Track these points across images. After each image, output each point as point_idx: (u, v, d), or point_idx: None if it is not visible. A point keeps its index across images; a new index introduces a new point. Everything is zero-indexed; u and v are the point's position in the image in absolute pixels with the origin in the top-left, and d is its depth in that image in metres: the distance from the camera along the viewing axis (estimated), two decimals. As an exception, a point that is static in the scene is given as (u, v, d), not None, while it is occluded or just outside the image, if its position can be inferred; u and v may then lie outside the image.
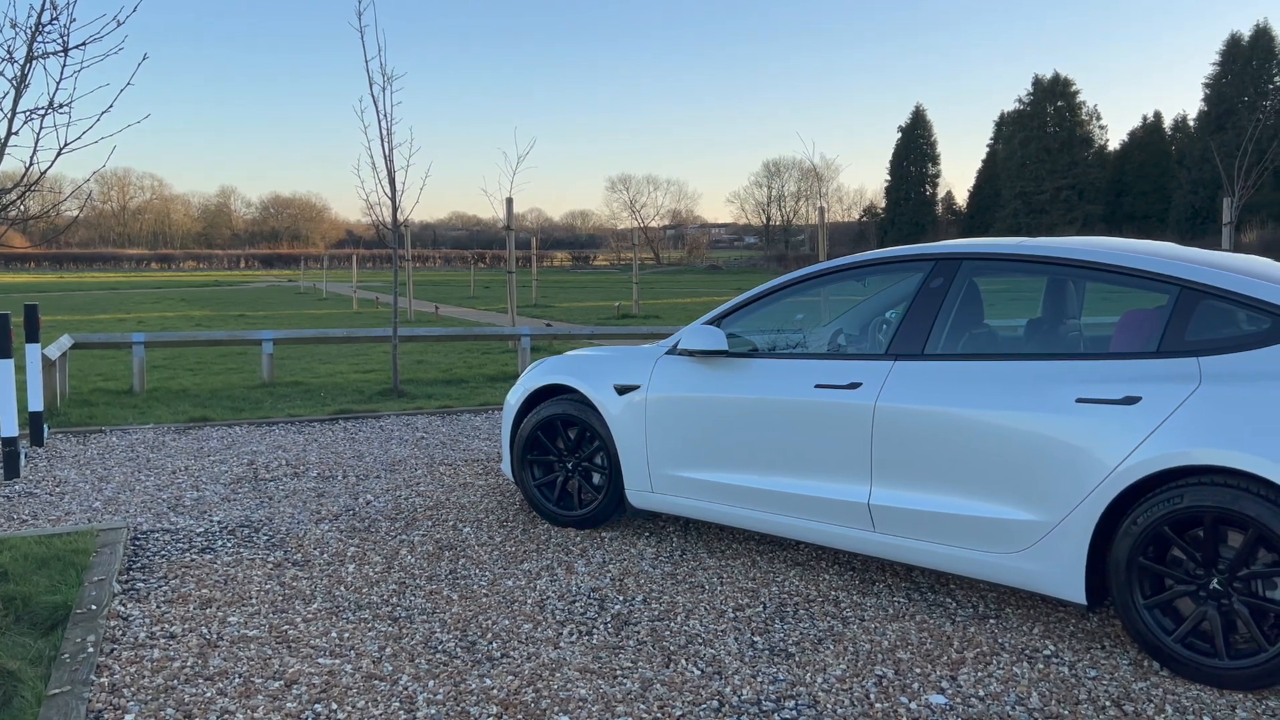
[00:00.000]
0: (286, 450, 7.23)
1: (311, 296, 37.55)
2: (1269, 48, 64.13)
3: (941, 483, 3.90)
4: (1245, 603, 3.25)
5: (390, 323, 10.32)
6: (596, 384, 5.03)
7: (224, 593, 4.23)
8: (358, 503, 5.72)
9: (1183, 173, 65.54)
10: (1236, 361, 3.37)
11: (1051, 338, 4.46)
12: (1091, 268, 3.94)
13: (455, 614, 4.00)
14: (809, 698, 3.27)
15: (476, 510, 5.57)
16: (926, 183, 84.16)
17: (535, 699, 3.25)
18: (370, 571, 4.52)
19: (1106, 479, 3.46)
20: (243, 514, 5.48)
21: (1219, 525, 3.29)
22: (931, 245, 4.49)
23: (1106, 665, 3.51)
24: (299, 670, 3.46)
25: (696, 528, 5.21)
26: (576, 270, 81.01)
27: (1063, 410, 3.61)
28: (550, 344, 14.45)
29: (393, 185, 10.14)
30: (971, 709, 3.19)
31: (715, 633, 3.82)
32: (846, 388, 4.15)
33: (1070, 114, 74.05)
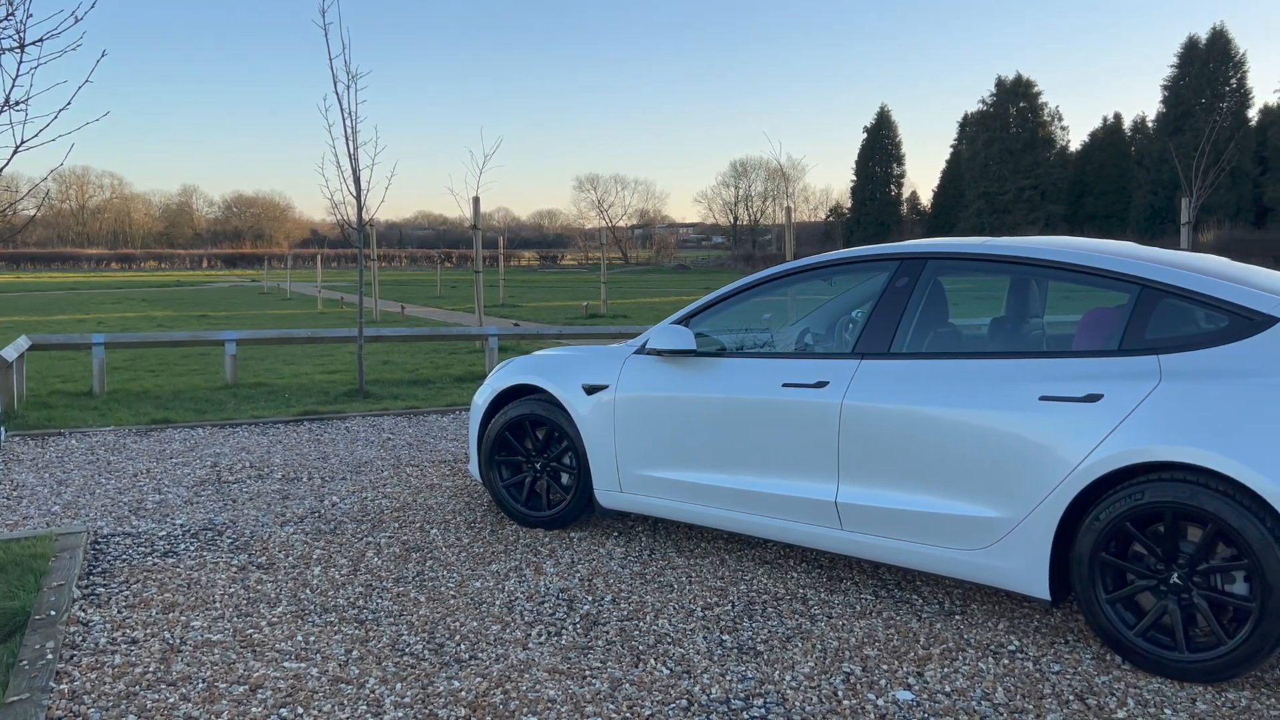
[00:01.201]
0: (250, 452, 7.15)
1: (275, 296, 37.17)
2: (1226, 51, 65.28)
3: (907, 480, 3.93)
4: (1204, 597, 3.31)
5: (355, 323, 10.24)
6: (565, 384, 5.02)
7: (187, 597, 4.18)
8: (323, 505, 5.67)
9: (1142, 173, 66.55)
10: (1195, 359, 3.42)
11: (1015, 336, 4.51)
12: (1054, 267, 3.98)
13: (423, 616, 3.98)
14: (777, 695, 3.28)
15: (444, 511, 5.54)
16: (892, 183, 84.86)
17: (504, 700, 3.24)
18: (336, 574, 4.48)
19: (1069, 476, 3.51)
20: (206, 517, 5.41)
21: (1179, 521, 3.34)
22: (897, 245, 4.52)
23: (1070, 660, 3.56)
24: (264, 674, 3.42)
25: (665, 527, 5.21)
26: (544, 270, 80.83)
27: (1026, 408, 3.65)
28: (518, 344, 14.40)
29: (357, 184, 10.07)
30: (938, 704, 3.21)
31: (684, 632, 3.82)
32: (813, 386, 4.18)
33: (1032, 115, 74.94)
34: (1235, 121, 57.55)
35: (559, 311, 26.41)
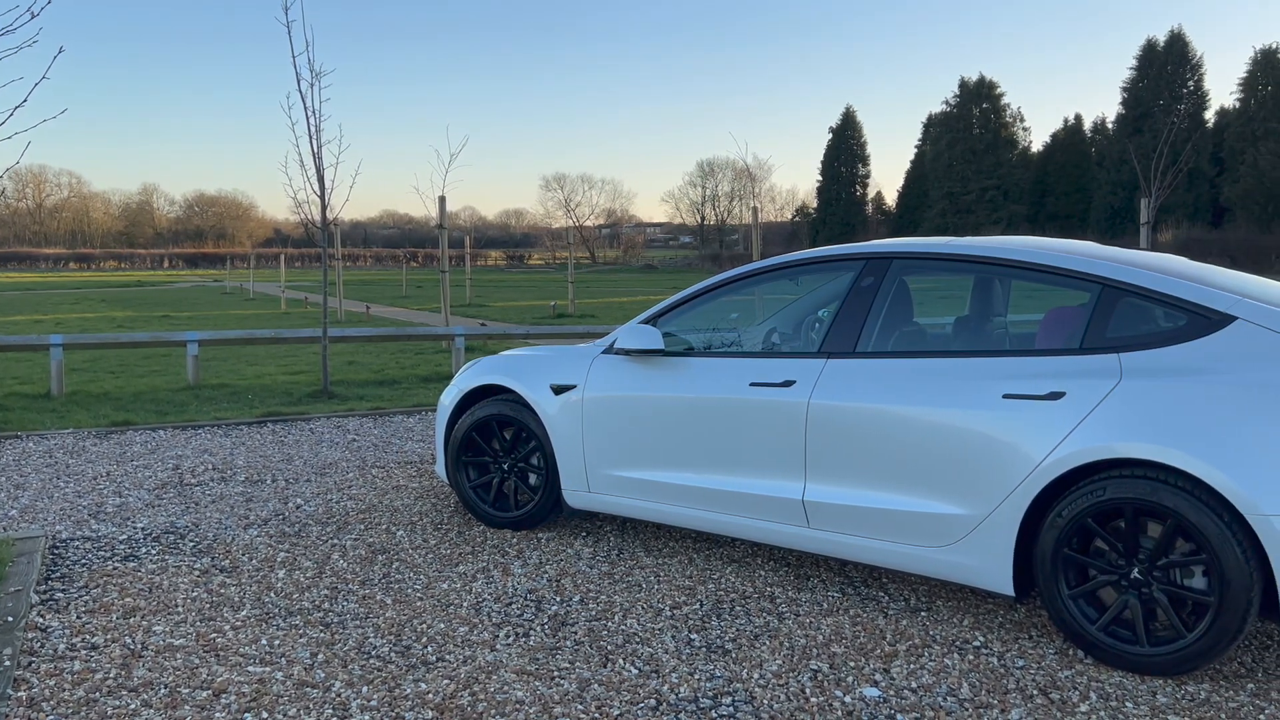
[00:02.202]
0: (213, 454, 7.06)
1: (238, 296, 36.76)
2: (1183, 53, 66.38)
3: (874, 478, 3.96)
4: (1164, 591, 3.36)
5: (320, 323, 10.15)
6: (532, 384, 5.00)
7: (148, 601, 4.12)
8: (287, 507, 5.61)
9: (1102, 174, 67.48)
10: (1155, 357, 3.47)
11: (979, 335, 4.56)
12: (1017, 266, 4.03)
13: (389, 618, 3.95)
14: (745, 693, 3.29)
15: (410, 513, 5.50)
16: (857, 183, 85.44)
17: (471, 703, 3.22)
18: (301, 577, 4.43)
19: (1032, 473, 3.55)
20: (167, 520, 5.34)
21: (1139, 516, 3.39)
22: (862, 245, 4.55)
23: (1034, 655, 3.60)
24: (228, 679, 3.38)
25: (634, 527, 5.21)
26: (511, 269, 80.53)
27: (990, 406, 3.69)
28: (485, 344, 14.33)
29: (321, 183, 9.98)
30: (905, 701, 3.24)
31: (653, 631, 3.82)
32: (780, 386, 4.19)
33: (995, 116, 75.76)
34: (1193, 123, 58.56)
35: (526, 311, 26.33)
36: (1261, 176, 56.90)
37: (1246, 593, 3.17)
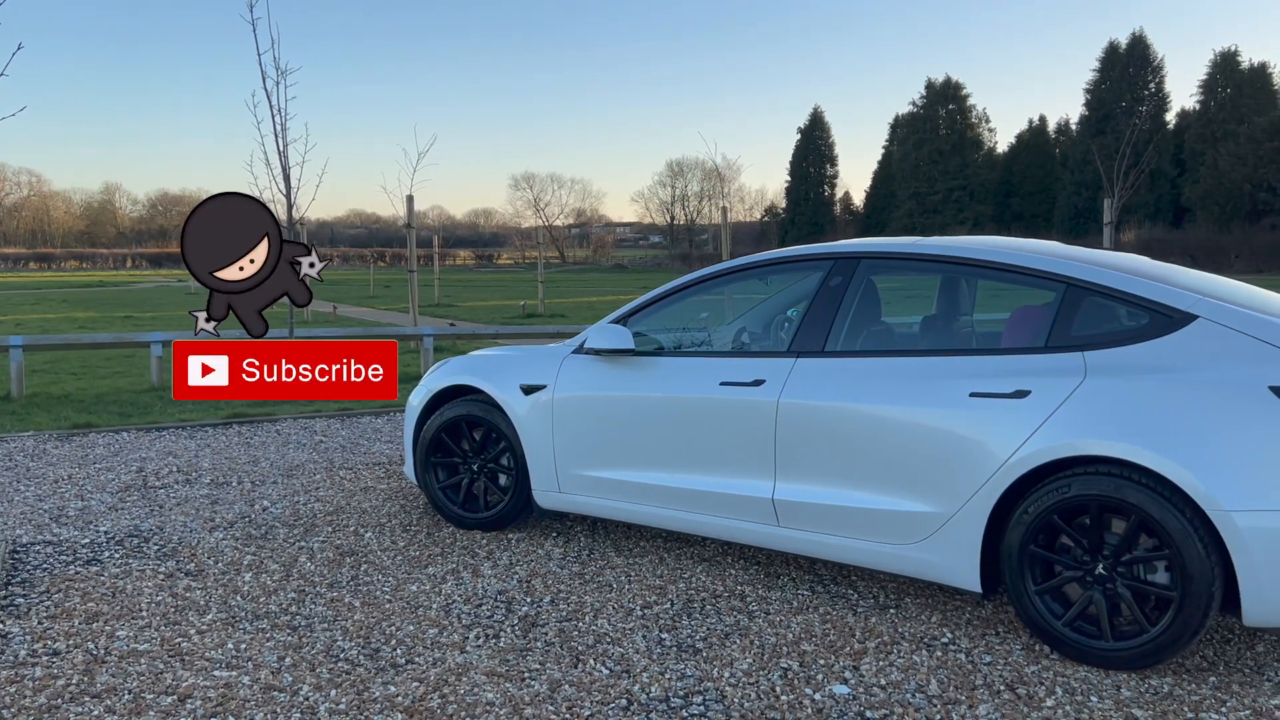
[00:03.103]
0: (178, 456, 6.98)
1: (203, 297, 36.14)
2: (1145, 55, 67.34)
3: (842, 477, 3.98)
4: (1128, 586, 3.40)
5: (286, 323, 10.05)
6: (502, 384, 4.98)
7: (112, 606, 4.06)
8: (254, 509, 5.55)
9: (1066, 174, 68.27)
10: (1118, 356, 3.52)
11: (945, 334, 4.59)
12: (983, 266, 4.07)
13: (358, 621, 3.92)
14: (716, 692, 3.30)
15: (379, 515, 5.46)
16: (825, 183, 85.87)
17: (441, 705, 3.20)
18: (268, 580, 4.39)
19: (999, 470, 3.58)
20: (131, 523, 5.26)
21: (1104, 513, 3.43)
22: (831, 245, 4.58)
23: (1001, 650, 3.63)
24: (193, 684, 3.34)
25: (604, 527, 5.21)
26: (480, 269, 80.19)
27: (957, 404, 3.72)
28: (454, 344, 14.26)
29: (287, 182, 9.88)
30: (874, 698, 3.26)
31: (623, 631, 3.82)
32: (750, 385, 4.20)
33: (961, 117, 76.44)
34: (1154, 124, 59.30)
35: (496, 311, 26.23)
36: (1221, 177, 57.85)
37: (1208, 587, 3.22)
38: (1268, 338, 3.35)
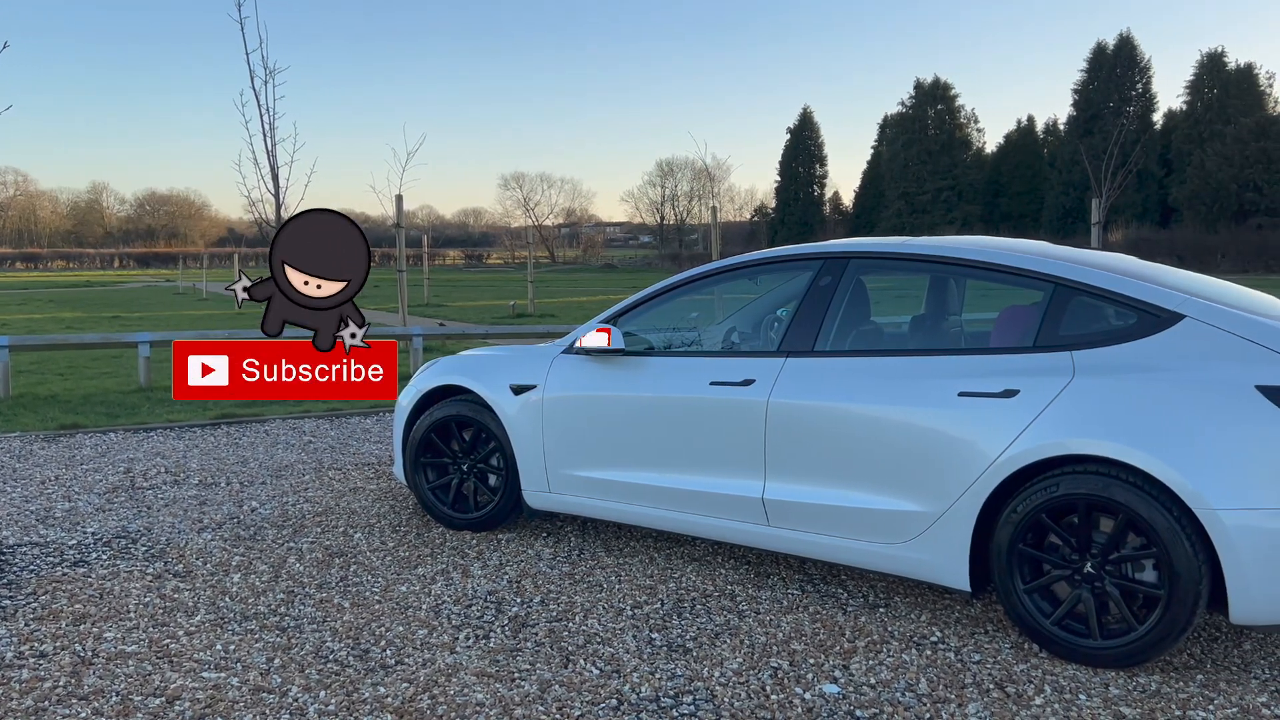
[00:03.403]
0: (166, 457, 6.95)
1: (191, 297, 36.20)
2: (1131, 56, 67.64)
3: (832, 476, 3.99)
4: (1116, 585, 3.42)
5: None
6: (492, 384, 4.97)
7: (99, 608, 4.04)
8: (242, 510, 5.53)
9: (1054, 174, 68.50)
10: (1106, 355, 3.53)
11: (934, 334, 4.61)
12: (972, 266, 4.08)
13: (347, 622, 3.91)
14: (706, 692, 3.30)
15: (368, 515, 5.44)
16: (814, 183, 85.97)
17: (431, 705, 3.20)
18: (257, 581, 4.37)
19: (988, 469, 3.59)
20: (119, 524, 5.24)
21: (1092, 511, 3.44)
22: (820, 244, 4.58)
23: (990, 649, 3.64)
24: (181, 685, 3.32)
25: (594, 527, 5.20)
26: (470, 269, 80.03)
27: (946, 404, 3.73)
28: (444, 344, 14.23)
29: (276, 181, 9.87)
30: (864, 696, 3.26)
31: (614, 631, 3.82)
32: (740, 385, 4.21)
33: (950, 117, 76.64)
34: (1141, 125, 59.67)
35: (485, 311, 26.20)
36: (1208, 178, 58.16)
37: (1195, 585, 3.24)
38: (1254, 337, 3.36)
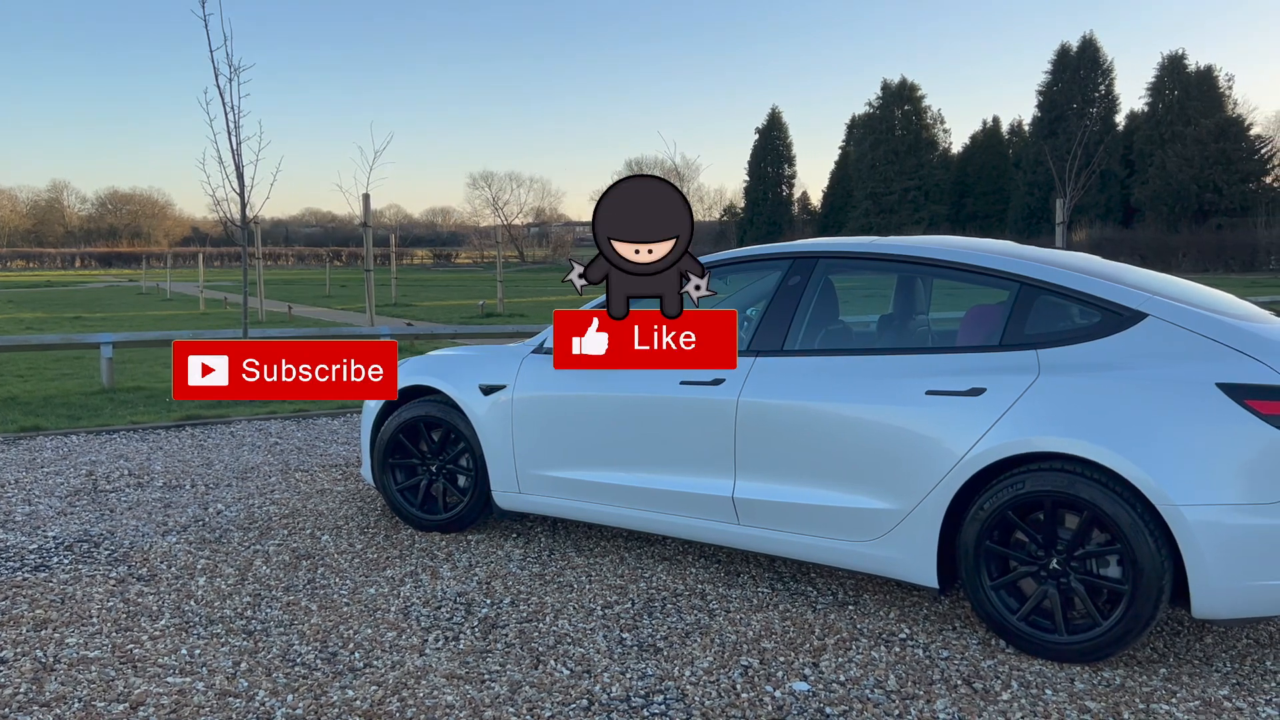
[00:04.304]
0: (129, 459, 6.85)
1: (155, 297, 35.75)
2: (1095, 58, 68.44)
3: (801, 474, 4.00)
4: (1081, 581, 3.46)
5: (240, 324, 9.92)
6: (461, 384, 4.95)
7: (61, 613, 3.97)
8: (207, 513, 5.47)
9: (1020, 175, 69.15)
10: (1071, 354, 3.57)
11: (902, 333, 4.64)
12: (939, 265, 4.11)
13: (315, 625, 3.87)
14: (677, 691, 3.30)
15: (335, 517, 5.40)
16: (783, 183, 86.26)
17: (400, 708, 3.17)
18: (222, 584, 4.32)
19: (955, 467, 3.62)
20: (81, 528, 5.16)
21: (1057, 508, 3.48)
22: (789, 244, 4.60)
23: (958, 645, 3.67)
24: (146, 691, 3.28)
25: (565, 527, 5.19)
26: (438, 268, 79.63)
27: (914, 402, 3.76)
28: (412, 344, 14.14)
29: (241, 180, 9.75)
30: (833, 694, 3.28)
31: (584, 631, 3.81)
32: (710, 384, 4.21)
33: (916, 118, 77.17)
34: (1104, 126, 60.44)
35: (454, 311, 26.08)
36: (1169, 178, 58.99)
37: (1158, 580, 3.28)
38: (1215, 335, 3.42)
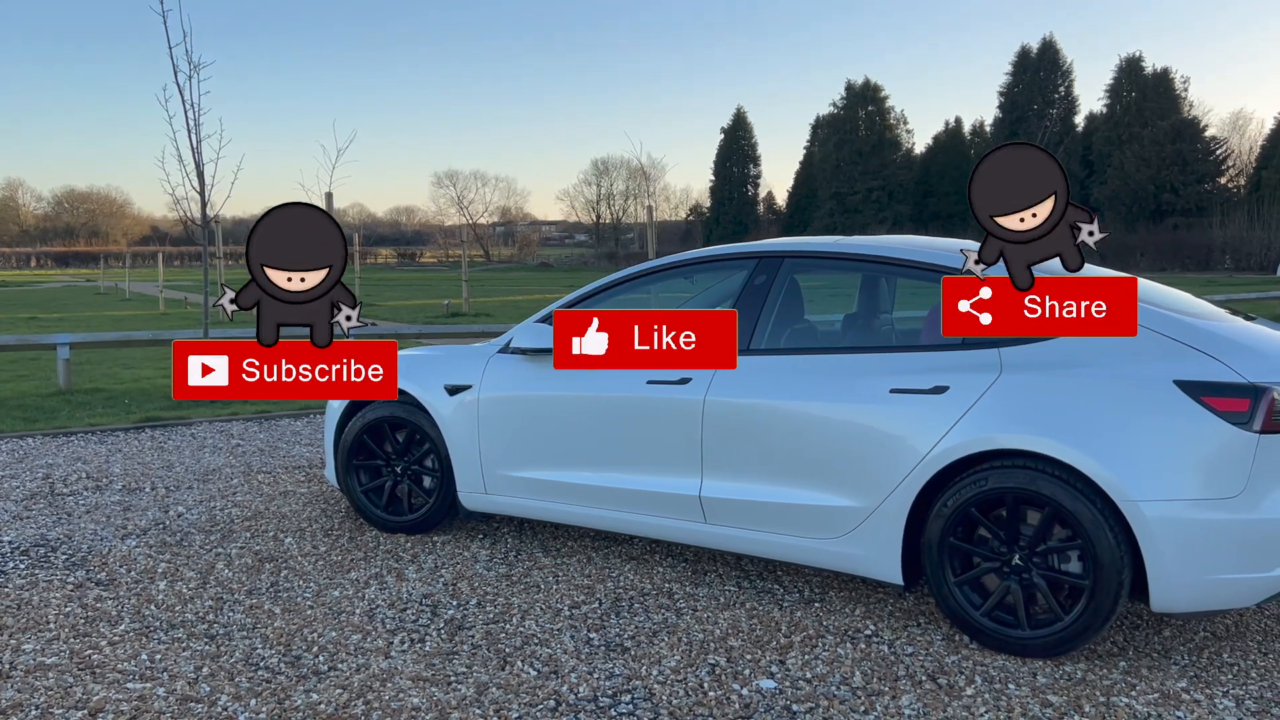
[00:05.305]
0: (87, 462, 6.74)
1: (113, 297, 35.21)
2: (1054, 60, 69.38)
3: (767, 473, 4.02)
4: (1043, 576, 3.50)
5: (201, 324, 9.79)
6: (426, 385, 4.91)
7: (16, 619, 3.90)
8: (168, 516, 5.39)
9: (982, 175, 69.80)
10: (1031, 352, 3.61)
11: (866, 331, 4.67)
12: (902, 264, 4.14)
13: (278, 628, 3.83)
14: (645, 690, 3.30)
15: (299, 519, 5.34)
16: (748, 183, 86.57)
17: (365, 711, 3.15)
18: (183, 588, 4.26)
19: (919, 465, 3.65)
20: (37, 532, 5.06)
21: (1019, 505, 3.52)
22: (755, 244, 4.62)
23: (922, 641, 3.71)
24: (105, 697, 3.22)
25: (532, 527, 5.18)
26: (402, 267, 79.05)
27: (878, 400, 3.79)
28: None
29: (201, 178, 9.63)
30: (800, 691, 3.30)
31: (551, 632, 3.80)
32: (676, 383, 4.22)
33: (880, 118, 77.73)
34: (1064, 127, 61.32)
35: (419, 310, 25.91)
36: (1127, 179, 59.88)
37: (1118, 575, 3.33)
38: (1173, 334, 3.47)
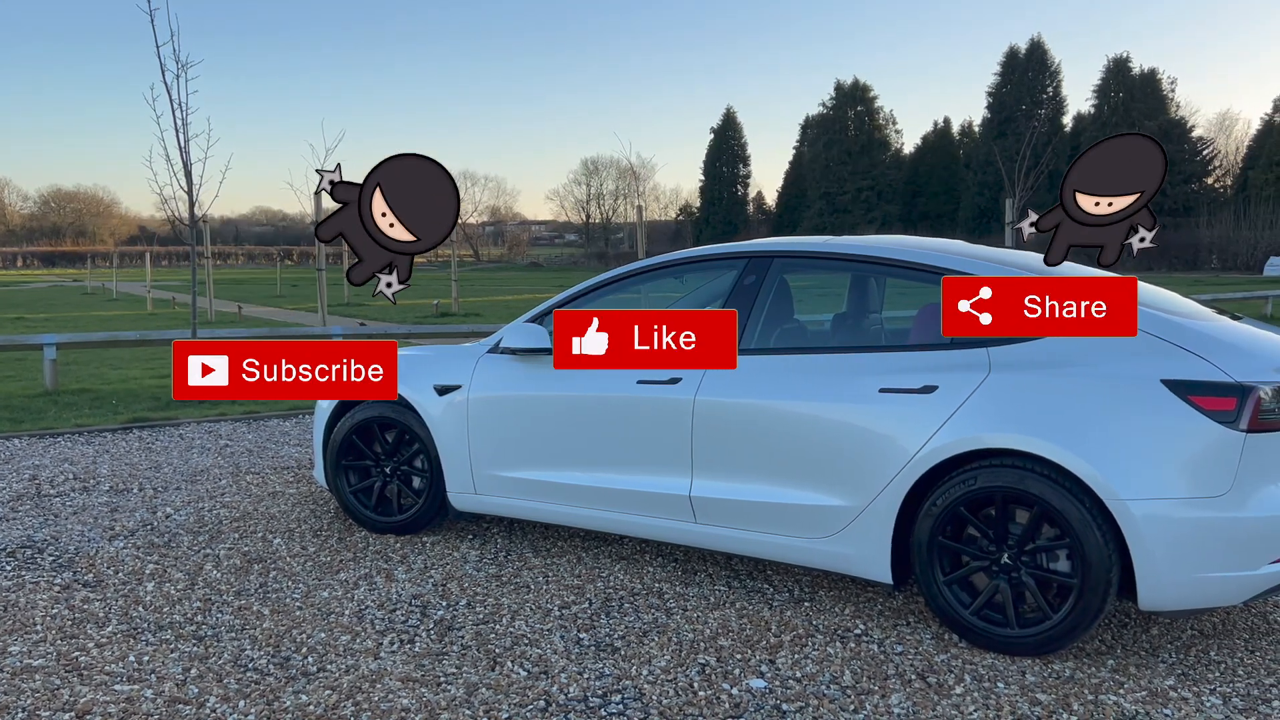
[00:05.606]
0: (74, 463, 6.70)
1: (100, 297, 35.06)
2: (1042, 60, 69.67)
3: (757, 473, 4.02)
4: (1032, 575, 3.51)
5: (189, 324, 9.75)
6: (415, 385, 4.90)
7: (3, 621, 3.88)
8: (156, 517, 5.37)
9: (970, 175, 70.15)
10: (1020, 351, 3.63)
11: (856, 331, 4.68)
12: (891, 264, 4.15)
13: (267, 629, 3.81)
14: (635, 690, 3.30)
15: (288, 520, 5.33)
16: (738, 183, 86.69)
17: (355, 712, 3.14)
18: (171, 589, 4.25)
19: (908, 464, 3.66)
20: (24, 534, 5.04)
21: (1008, 504, 3.53)
22: (744, 244, 4.62)
23: (911, 640, 3.71)
24: (92, 700, 3.21)
25: (522, 528, 5.17)
26: (392, 268, 78.72)
27: (867, 400, 3.79)
28: (365, 344, 13.98)
29: (189, 178, 9.59)
30: (790, 690, 3.30)
31: (541, 632, 3.80)
32: (667, 383, 4.22)
33: (869, 118, 77.96)
34: (1052, 127, 61.47)
35: (408, 310, 25.86)
36: (1114, 179, 60.09)
37: (1106, 574, 3.34)
38: (1160, 333, 3.49)
